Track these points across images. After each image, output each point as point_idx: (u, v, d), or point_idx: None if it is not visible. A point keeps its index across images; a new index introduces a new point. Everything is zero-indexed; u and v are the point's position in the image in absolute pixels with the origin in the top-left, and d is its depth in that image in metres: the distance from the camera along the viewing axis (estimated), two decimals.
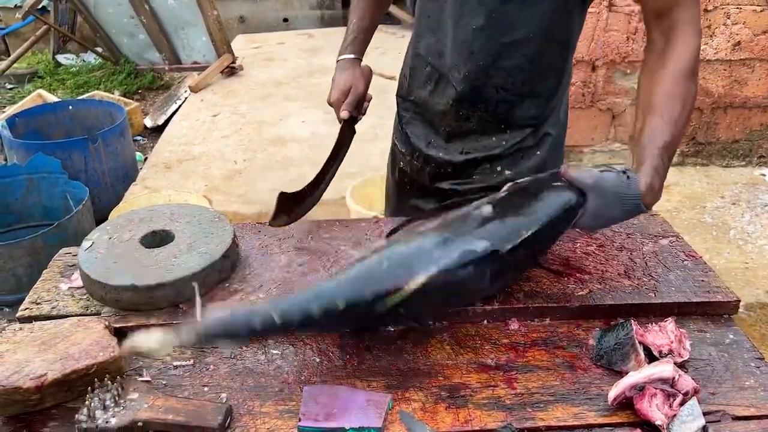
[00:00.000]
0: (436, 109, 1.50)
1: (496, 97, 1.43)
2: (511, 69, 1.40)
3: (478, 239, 1.06)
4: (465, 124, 1.49)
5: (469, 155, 1.51)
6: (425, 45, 1.48)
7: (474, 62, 1.39)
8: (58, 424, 0.98)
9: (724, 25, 3.37)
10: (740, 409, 1.00)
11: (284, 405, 1.01)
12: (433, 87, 1.49)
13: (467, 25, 1.36)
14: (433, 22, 1.44)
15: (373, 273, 1.03)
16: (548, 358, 1.10)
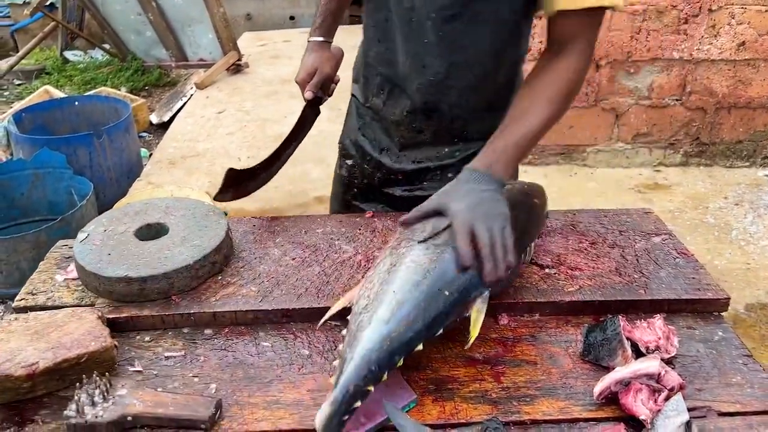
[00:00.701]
0: (390, 118, 1.50)
1: (450, 113, 1.42)
2: (463, 88, 1.38)
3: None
4: (419, 135, 1.48)
5: (421, 164, 1.50)
6: (375, 54, 1.47)
7: (425, 77, 1.38)
8: (49, 412, 1.00)
9: (729, 25, 3.36)
10: (726, 406, 1.01)
11: (273, 396, 1.02)
12: (386, 97, 1.48)
13: (418, 38, 1.34)
14: (379, 31, 1.42)
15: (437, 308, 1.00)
16: (536, 353, 1.11)
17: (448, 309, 1.01)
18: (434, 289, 1.01)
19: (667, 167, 3.75)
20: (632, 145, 3.69)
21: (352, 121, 1.64)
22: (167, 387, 1.04)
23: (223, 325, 1.18)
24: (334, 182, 1.75)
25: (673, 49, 3.41)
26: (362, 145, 1.59)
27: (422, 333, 0.98)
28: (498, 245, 1.01)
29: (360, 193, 1.64)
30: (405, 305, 0.98)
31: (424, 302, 0.99)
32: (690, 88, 3.52)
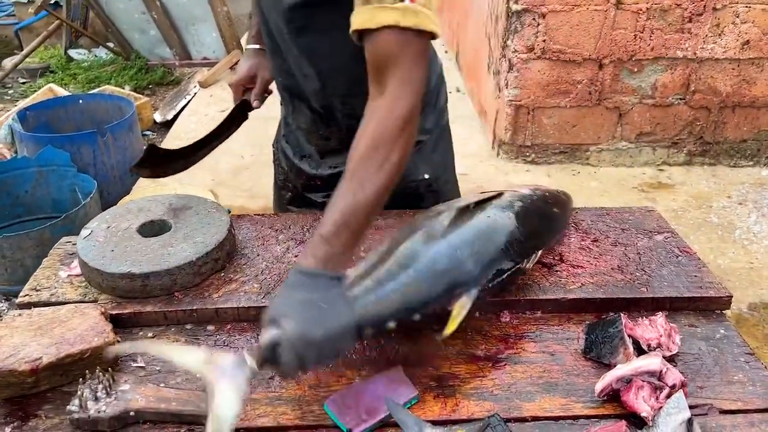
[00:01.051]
0: (301, 128, 1.51)
1: (346, 122, 1.40)
2: (343, 96, 1.37)
3: (507, 259, 1.13)
4: (328, 143, 1.49)
5: (337, 168, 1.48)
6: (274, 66, 1.47)
7: (310, 86, 1.38)
8: (52, 407, 1.00)
9: (733, 24, 3.35)
10: (727, 403, 1.01)
11: (274, 392, 1.03)
12: (292, 107, 1.50)
13: (289, 51, 1.35)
14: (269, 43, 1.42)
15: (420, 293, 1.03)
16: (538, 350, 1.11)
17: (430, 297, 1.04)
18: (421, 274, 1.03)
19: (671, 166, 3.74)
20: (636, 144, 3.68)
21: (279, 129, 1.67)
22: (169, 383, 1.04)
23: (226, 321, 1.18)
24: (273, 186, 1.76)
25: (677, 47, 3.40)
26: (285, 151, 1.61)
27: (400, 313, 1.01)
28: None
29: (293, 197, 1.64)
30: (389, 283, 1.01)
31: (408, 284, 1.02)
32: (694, 87, 3.51)
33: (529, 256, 1.19)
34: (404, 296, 1.02)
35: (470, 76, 4.58)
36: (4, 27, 6.99)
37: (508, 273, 1.13)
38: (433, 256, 1.06)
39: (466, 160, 3.68)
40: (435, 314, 1.05)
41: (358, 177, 1.02)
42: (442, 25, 5.91)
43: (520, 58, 3.42)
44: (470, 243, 1.10)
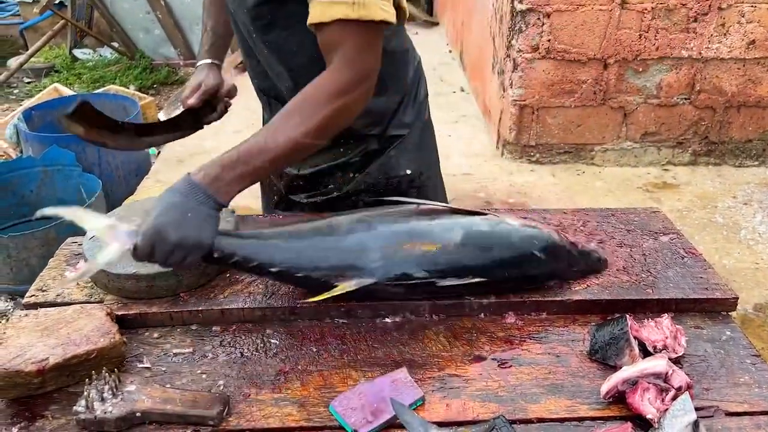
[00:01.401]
0: None
1: None
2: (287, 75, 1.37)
3: (421, 268, 1.14)
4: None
5: (318, 167, 1.50)
6: (250, 69, 1.48)
7: (283, 84, 1.39)
8: (59, 407, 1.01)
9: (738, 24, 3.33)
10: (734, 405, 1.00)
11: (280, 393, 1.03)
12: (270, 109, 1.50)
13: (261, 52, 1.37)
14: (244, 45, 1.43)
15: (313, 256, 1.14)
16: (543, 352, 1.11)
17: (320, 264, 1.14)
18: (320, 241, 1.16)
19: (676, 166, 3.73)
20: (641, 144, 3.67)
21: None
22: (175, 383, 1.05)
23: (231, 322, 1.18)
24: (260, 191, 1.74)
25: (682, 47, 3.39)
26: None
27: (285, 261, 1.13)
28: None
29: (278, 200, 1.63)
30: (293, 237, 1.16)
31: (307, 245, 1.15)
32: (699, 87, 3.50)
33: (449, 276, 1.16)
34: (288, 250, 1.14)
35: (474, 75, 4.58)
36: (9, 27, 7.01)
37: (417, 281, 1.14)
38: (344, 233, 1.17)
39: (470, 160, 3.68)
40: (319, 281, 1.13)
41: (275, 127, 1.12)
42: (446, 24, 5.87)
43: (525, 57, 3.41)
44: (388, 237, 1.16)
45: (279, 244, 1.16)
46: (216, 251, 1.10)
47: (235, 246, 1.13)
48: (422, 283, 1.16)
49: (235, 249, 1.12)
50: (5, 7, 7.33)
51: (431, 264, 1.15)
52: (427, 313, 1.19)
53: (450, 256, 1.16)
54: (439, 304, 1.19)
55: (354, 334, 1.15)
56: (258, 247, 1.15)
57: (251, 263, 1.13)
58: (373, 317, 1.19)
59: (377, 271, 1.14)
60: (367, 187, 1.49)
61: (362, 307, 1.19)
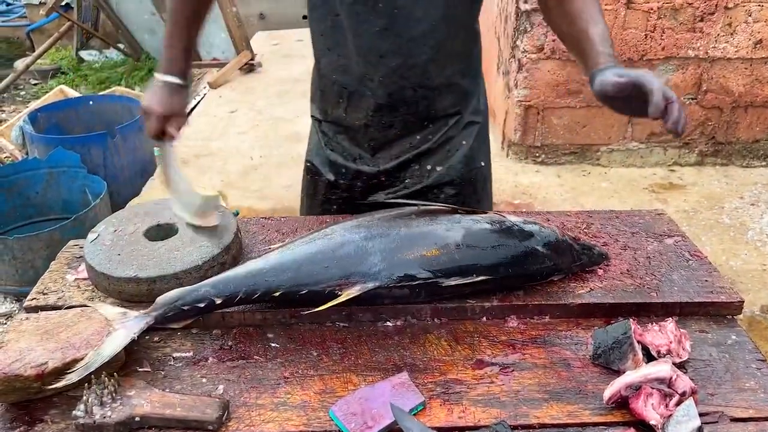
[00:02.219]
0: (356, 124, 1.47)
1: (415, 95, 1.41)
2: (423, 64, 1.37)
3: (424, 269, 1.14)
4: (389, 131, 1.46)
5: (400, 158, 1.49)
6: (327, 63, 1.46)
7: (386, 66, 1.37)
8: (58, 412, 1.00)
9: (746, 23, 3.31)
10: (739, 411, 0.99)
11: (280, 397, 1.02)
12: (346, 104, 1.46)
13: (369, 29, 1.33)
14: (328, 39, 1.41)
15: (313, 270, 1.14)
16: (545, 356, 1.10)
17: (323, 276, 1.13)
18: (317, 255, 1.16)
19: (682, 167, 3.71)
20: (646, 145, 3.65)
21: (314, 140, 1.61)
22: (175, 388, 1.04)
23: (232, 325, 1.18)
24: (308, 199, 1.67)
25: (688, 47, 3.37)
26: (334, 160, 1.55)
27: (286, 284, 1.13)
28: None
29: (340, 209, 1.59)
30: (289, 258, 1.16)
31: (304, 262, 1.15)
32: (706, 87, 3.48)
33: (453, 276, 1.16)
34: (297, 273, 1.14)
35: None
36: (16, 29, 7.06)
37: (420, 282, 1.14)
38: (341, 241, 1.17)
39: None
40: (323, 294, 1.12)
41: (593, 17, 1.23)
42: None
43: (530, 58, 3.40)
44: (387, 239, 1.16)
45: (277, 267, 1.15)
46: (217, 297, 1.12)
47: (235, 283, 1.13)
48: (426, 284, 1.15)
49: (235, 287, 1.13)
50: (12, 9, 7.37)
51: (434, 264, 1.15)
52: (429, 317, 1.19)
53: (453, 255, 1.16)
54: (441, 308, 1.18)
55: (355, 338, 1.15)
56: (257, 276, 1.14)
57: (255, 294, 1.13)
58: (374, 321, 1.18)
59: (380, 274, 1.13)
60: (450, 180, 1.50)
61: (363, 310, 1.18)
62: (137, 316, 1.10)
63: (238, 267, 1.18)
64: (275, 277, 1.14)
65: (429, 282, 1.15)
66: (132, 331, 1.08)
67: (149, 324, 1.10)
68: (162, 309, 1.11)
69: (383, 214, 1.25)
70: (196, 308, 1.13)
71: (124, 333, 1.07)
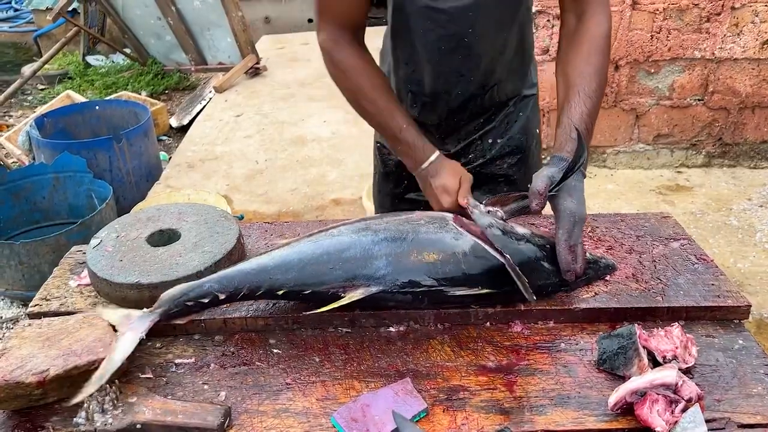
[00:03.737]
0: (427, 123, 1.51)
1: (482, 92, 1.47)
2: (494, 66, 1.43)
3: (428, 276, 1.13)
4: (458, 123, 1.53)
5: (466, 140, 1.55)
6: (403, 74, 1.48)
7: (465, 82, 1.42)
8: (60, 419, 1.00)
9: (752, 23, 3.29)
10: (746, 417, 0.98)
11: (282, 404, 1.01)
12: (420, 109, 1.50)
13: (451, 57, 1.38)
14: (406, 55, 1.44)
15: (317, 271, 1.13)
16: (550, 362, 1.09)
17: (327, 277, 1.13)
18: (323, 255, 1.14)
19: (689, 168, 3.69)
20: (653, 146, 3.63)
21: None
22: (177, 394, 1.04)
23: (234, 331, 1.17)
24: (380, 181, 1.73)
25: (694, 48, 3.35)
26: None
27: (290, 282, 1.12)
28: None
29: (412, 183, 1.57)
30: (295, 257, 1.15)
31: (309, 261, 1.14)
32: (712, 88, 3.46)
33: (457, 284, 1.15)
34: (300, 271, 1.13)
35: None
36: (24, 34, 7.10)
37: (424, 289, 1.13)
38: (347, 243, 1.16)
39: None
40: (326, 295, 1.12)
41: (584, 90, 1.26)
42: None
43: (536, 60, 3.39)
44: (393, 244, 1.15)
45: (282, 266, 1.14)
46: (221, 293, 1.11)
47: (239, 279, 1.13)
48: (430, 292, 1.14)
49: (239, 283, 1.12)
50: (19, 14, 7.41)
51: (440, 273, 1.14)
52: (432, 323, 1.18)
53: (459, 265, 1.15)
54: (444, 313, 1.17)
55: (357, 344, 1.14)
56: (261, 273, 1.13)
57: (258, 291, 1.13)
58: (377, 326, 1.18)
59: (384, 279, 1.12)
60: (511, 150, 1.55)
61: (366, 316, 1.17)
62: (141, 315, 1.10)
63: (243, 263, 1.17)
64: (280, 275, 1.13)
65: (433, 290, 1.14)
66: (139, 332, 1.07)
67: (155, 321, 1.09)
68: (166, 305, 1.11)
69: (392, 217, 1.23)
70: (200, 304, 1.12)
71: (132, 335, 1.07)
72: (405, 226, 1.19)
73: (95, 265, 1.21)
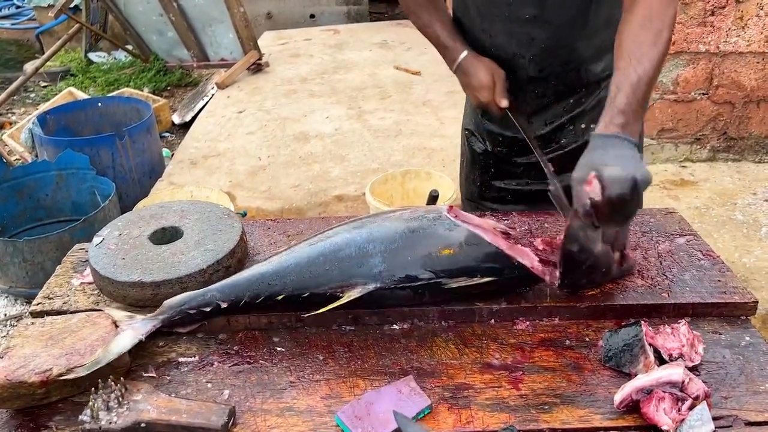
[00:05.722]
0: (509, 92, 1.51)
1: (565, 69, 1.47)
2: (571, 43, 1.43)
3: (425, 270, 1.13)
4: (542, 100, 1.53)
5: (554, 123, 1.55)
6: (481, 44, 1.50)
7: (536, 47, 1.44)
8: (63, 418, 1.00)
9: (757, 17, 3.26)
10: (753, 414, 0.97)
11: (286, 403, 1.01)
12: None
13: (520, 17, 1.40)
14: (477, 23, 1.48)
15: (315, 273, 1.13)
16: (555, 359, 1.08)
17: (324, 279, 1.13)
18: (319, 257, 1.14)
19: (694, 163, 3.66)
20: (657, 141, 3.61)
21: (469, 109, 1.70)
22: (180, 393, 1.03)
23: (237, 330, 1.17)
24: (467, 168, 1.76)
25: (699, 41, 3.33)
26: (490, 129, 1.63)
27: (289, 287, 1.13)
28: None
29: (498, 171, 1.66)
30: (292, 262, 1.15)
31: (306, 264, 1.14)
32: (717, 82, 3.43)
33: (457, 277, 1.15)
34: (299, 273, 1.14)
35: None
36: (26, 31, 7.09)
37: (423, 283, 1.13)
38: (342, 243, 1.16)
39: None
40: (325, 296, 1.12)
41: (635, 56, 1.17)
42: None
43: None
44: (387, 240, 1.14)
45: (280, 271, 1.14)
46: (223, 302, 1.12)
47: (240, 287, 1.14)
48: (429, 285, 1.13)
49: (240, 291, 1.13)
50: (21, 12, 7.40)
51: (436, 265, 1.13)
52: (436, 320, 1.17)
53: (455, 256, 1.14)
54: (448, 311, 1.17)
55: (361, 342, 1.13)
56: (261, 280, 1.14)
57: (258, 299, 1.13)
58: (380, 324, 1.17)
59: (381, 275, 1.12)
60: None
61: (370, 314, 1.17)
62: (144, 318, 1.11)
63: (243, 271, 1.17)
64: (278, 280, 1.13)
65: (431, 283, 1.13)
66: (139, 333, 1.08)
67: (156, 327, 1.10)
68: (169, 312, 1.11)
69: (387, 214, 1.23)
70: (202, 312, 1.12)
71: (132, 334, 1.08)
72: (399, 222, 1.19)
73: (98, 264, 1.21)
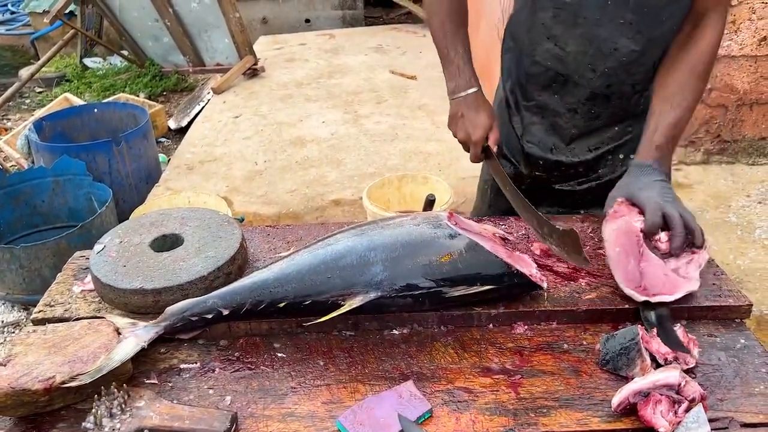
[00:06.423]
0: (562, 109, 1.48)
1: (632, 91, 1.43)
2: (653, 62, 1.39)
3: (426, 278, 1.14)
4: (594, 122, 1.49)
5: (599, 150, 1.51)
6: (543, 52, 1.46)
7: (616, 58, 1.38)
8: (66, 425, 1.01)
9: (750, 20, 3.29)
10: (749, 416, 0.98)
11: (287, 408, 1.02)
12: (559, 88, 1.48)
13: (613, 20, 1.34)
14: (547, 29, 1.43)
15: (316, 281, 1.14)
16: (553, 363, 1.10)
17: (326, 287, 1.13)
18: (320, 265, 1.15)
19: (688, 165, 3.69)
20: None
21: (505, 130, 1.62)
22: (183, 399, 1.04)
23: (238, 336, 1.18)
24: (486, 187, 1.73)
25: None
26: (530, 151, 1.58)
27: (290, 295, 1.13)
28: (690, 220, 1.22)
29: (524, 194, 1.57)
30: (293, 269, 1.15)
31: (307, 272, 1.14)
32: (710, 85, 3.46)
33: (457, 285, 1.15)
34: (301, 280, 1.14)
35: (482, 77, 4.55)
36: (21, 37, 7.09)
37: (423, 291, 1.14)
38: (343, 251, 1.16)
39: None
40: (326, 304, 1.12)
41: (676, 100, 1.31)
42: None
43: None
44: (388, 248, 1.15)
45: (281, 278, 1.15)
46: (225, 309, 1.12)
47: (241, 295, 1.14)
48: (430, 294, 1.15)
49: (241, 298, 1.14)
50: (16, 17, 7.40)
51: (437, 274, 1.14)
52: (435, 325, 1.18)
53: (456, 264, 1.15)
54: (447, 315, 1.18)
55: (361, 347, 1.14)
56: (262, 287, 1.14)
57: (260, 306, 1.13)
58: (380, 329, 1.18)
59: (382, 284, 1.13)
60: None
61: (369, 319, 1.18)
62: (146, 325, 1.12)
63: (245, 278, 1.18)
64: (280, 287, 1.14)
65: (432, 291, 1.14)
66: (142, 340, 1.09)
67: (158, 334, 1.11)
68: (171, 319, 1.12)
69: (387, 221, 1.24)
70: (204, 319, 1.13)
71: (134, 341, 1.09)
72: (399, 230, 1.20)
73: (99, 271, 1.21)
